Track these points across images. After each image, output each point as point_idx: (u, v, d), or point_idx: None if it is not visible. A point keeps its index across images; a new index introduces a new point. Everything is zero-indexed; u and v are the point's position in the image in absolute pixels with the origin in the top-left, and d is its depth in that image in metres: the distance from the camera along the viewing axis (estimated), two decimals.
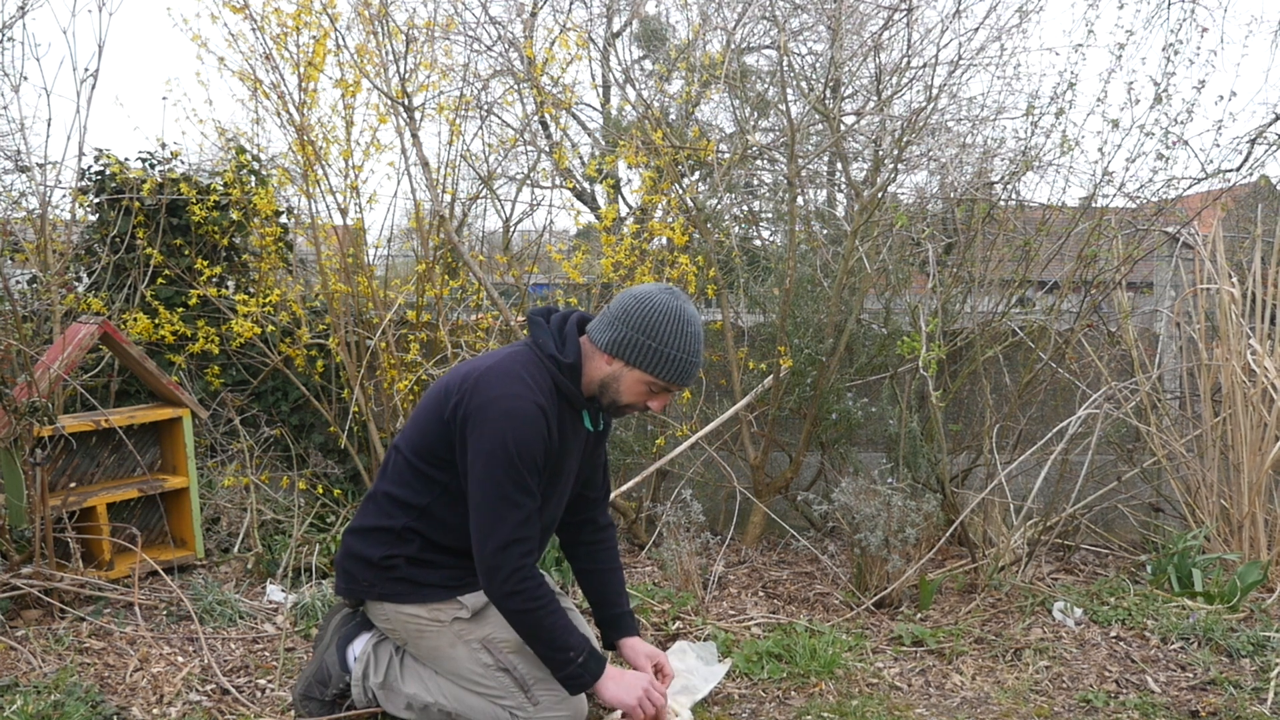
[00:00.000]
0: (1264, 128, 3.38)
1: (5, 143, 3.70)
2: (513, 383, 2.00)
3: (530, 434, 1.97)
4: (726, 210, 4.40)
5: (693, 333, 2.04)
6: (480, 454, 1.97)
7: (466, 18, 4.06)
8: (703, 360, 2.13)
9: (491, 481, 1.97)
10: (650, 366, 2.02)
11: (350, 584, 2.18)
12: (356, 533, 2.18)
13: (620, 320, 2.03)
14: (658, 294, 2.04)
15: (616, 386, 2.07)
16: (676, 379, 2.04)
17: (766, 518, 3.82)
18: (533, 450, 1.98)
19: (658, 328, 2.01)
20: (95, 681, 2.37)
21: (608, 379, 2.07)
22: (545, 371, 2.06)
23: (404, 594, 2.12)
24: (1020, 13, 3.66)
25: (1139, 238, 3.58)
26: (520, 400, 1.97)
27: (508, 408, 1.96)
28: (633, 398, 2.07)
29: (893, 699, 2.49)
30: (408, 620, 2.14)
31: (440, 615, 2.12)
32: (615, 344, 2.03)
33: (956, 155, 3.93)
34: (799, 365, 3.59)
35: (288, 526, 3.48)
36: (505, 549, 1.98)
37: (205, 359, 3.86)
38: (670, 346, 2.01)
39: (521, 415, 1.96)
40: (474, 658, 2.11)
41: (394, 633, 2.19)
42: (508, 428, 1.95)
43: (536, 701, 2.09)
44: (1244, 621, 2.94)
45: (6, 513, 2.86)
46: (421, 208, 3.71)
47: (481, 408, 1.98)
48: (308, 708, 2.23)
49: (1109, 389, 3.59)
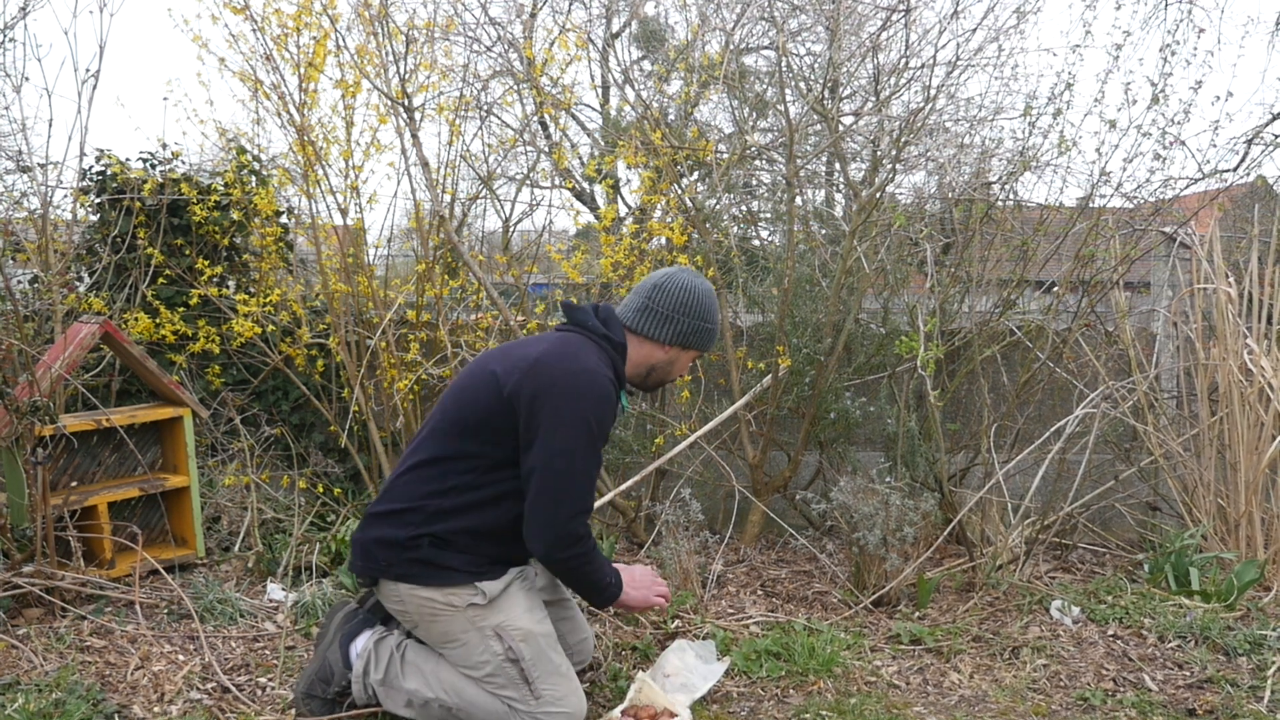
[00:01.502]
0: (1261, 128, 3.39)
1: (7, 143, 3.71)
2: (585, 359, 2.12)
3: (606, 409, 2.10)
4: (725, 210, 4.41)
5: (718, 312, 2.34)
6: (559, 426, 2.04)
7: (466, 18, 4.06)
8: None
9: (571, 453, 2.05)
10: (703, 344, 2.30)
11: (368, 563, 2.17)
12: (381, 515, 2.17)
13: (680, 314, 2.24)
14: (694, 282, 2.26)
15: (669, 368, 2.31)
16: (712, 345, 2.35)
17: (765, 517, 3.83)
18: (606, 424, 2.11)
19: (709, 312, 2.27)
20: (96, 680, 2.37)
21: (660, 364, 2.29)
22: (603, 354, 2.18)
23: (421, 575, 2.12)
24: (1018, 14, 3.67)
25: (1136, 238, 3.59)
26: (597, 376, 2.09)
27: (588, 383, 2.07)
28: (681, 371, 2.34)
29: (891, 697, 2.50)
30: (422, 603, 2.13)
31: (455, 600, 2.12)
32: (680, 335, 2.26)
33: (954, 155, 3.94)
34: (797, 365, 3.60)
35: (288, 525, 3.49)
36: (576, 517, 2.08)
37: (206, 358, 3.87)
38: (716, 322, 2.31)
39: (599, 391, 2.08)
40: (484, 645, 2.11)
41: (406, 615, 2.18)
42: (589, 402, 2.06)
43: (539, 695, 2.10)
44: (1241, 620, 2.94)
45: (8, 511, 2.87)
46: (421, 208, 3.72)
47: (556, 383, 2.06)
48: (310, 706, 2.24)
49: (1106, 388, 3.60)
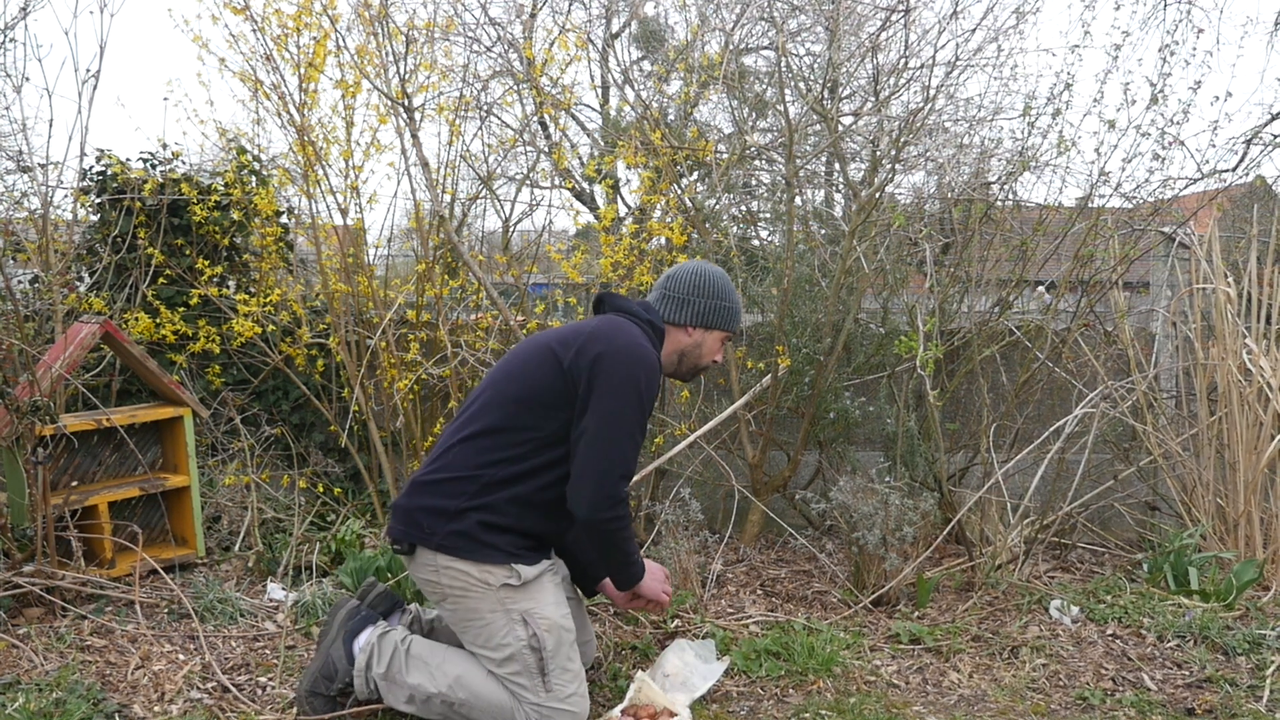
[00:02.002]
0: (1259, 128, 3.40)
1: (7, 143, 3.72)
2: (635, 335, 2.21)
3: (654, 381, 2.19)
4: (725, 210, 4.42)
5: (735, 291, 2.43)
6: (611, 390, 2.12)
7: (466, 19, 4.07)
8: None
9: (622, 417, 2.13)
10: (726, 323, 2.38)
11: (410, 529, 2.17)
12: (429, 484, 2.18)
13: (694, 295, 2.35)
14: (705, 266, 2.39)
15: (698, 352, 2.38)
16: (738, 325, 2.42)
17: (765, 516, 3.84)
18: (653, 396, 2.18)
19: (724, 291, 2.38)
20: (97, 679, 2.38)
21: (688, 348, 2.38)
22: (647, 336, 2.27)
23: (463, 549, 2.12)
24: (1017, 14, 3.68)
25: (1135, 238, 3.59)
26: (646, 350, 2.19)
27: (640, 355, 2.16)
28: (712, 354, 2.40)
29: (890, 696, 2.50)
30: (457, 575, 2.13)
31: (490, 579, 2.12)
32: (699, 315, 2.36)
33: (954, 155, 3.94)
34: (797, 364, 3.60)
35: (288, 525, 3.49)
36: (622, 480, 2.14)
37: (206, 358, 3.88)
38: (735, 301, 2.40)
39: (649, 363, 2.18)
40: (510, 628, 2.12)
41: (436, 587, 2.17)
42: (640, 371, 2.14)
43: (550, 688, 2.11)
44: (1240, 619, 2.95)
45: (9, 511, 2.87)
46: (421, 208, 3.72)
47: (612, 353, 2.14)
48: (313, 704, 2.23)
49: (1105, 388, 3.60)
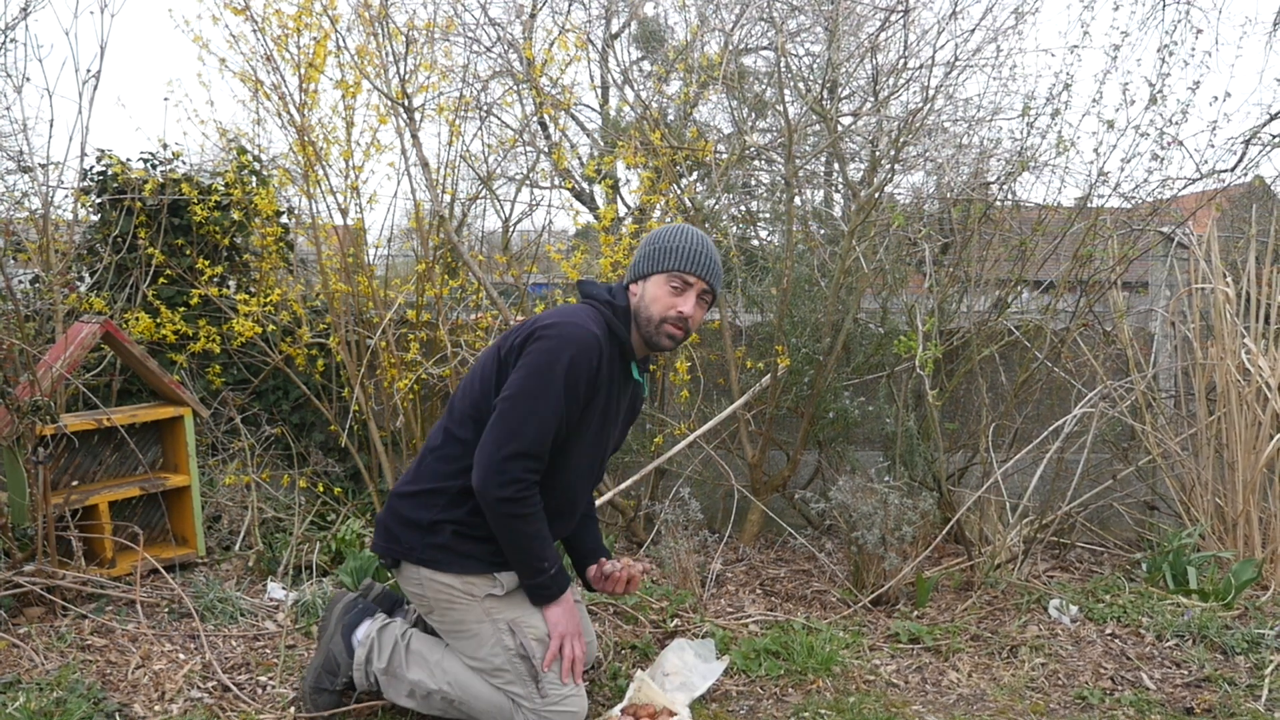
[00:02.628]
0: (1258, 128, 3.40)
1: (8, 143, 3.72)
2: (574, 315, 2.12)
3: (583, 358, 2.05)
4: (724, 210, 4.42)
5: (694, 233, 2.22)
6: (530, 365, 2.05)
7: (466, 19, 4.08)
8: (717, 260, 2.23)
9: (527, 390, 2.04)
10: (660, 263, 2.18)
11: (390, 544, 2.18)
12: (405, 495, 2.18)
13: (638, 252, 2.25)
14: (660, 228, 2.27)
15: (646, 305, 2.19)
16: (689, 265, 2.17)
17: (764, 516, 3.84)
18: (579, 374, 2.05)
19: (657, 235, 2.23)
20: (97, 678, 2.38)
21: (639, 306, 2.21)
22: (600, 317, 2.17)
23: (443, 561, 2.13)
24: (1016, 14, 3.69)
25: (1134, 238, 3.60)
26: (578, 328, 2.07)
27: (565, 332, 2.07)
28: (663, 307, 2.17)
29: (889, 696, 2.50)
30: (441, 589, 2.14)
31: (474, 589, 2.13)
32: (632, 268, 2.25)
33: (953, 156, 3.95)
34: (796, 364, 3.60)
35: (288, 524, 3.50)
36: (517, 458, 2.03)
37: (206, 358, 3.88)
38: (671, 240, 2.19)
39: (580, 339, 2.06)
40: (497, 638, 2.12)
41: (423, 600, 2.18)
42: (562, 347, 2.05)
43: (545, 694, 2.11)
44: (1239, 619, 2.95)
45: (9, 511, 2.87)
46: (421, 208, 3.73)
47: (539, 332, 2.08)
48: (318, 700, 2.24)
49: (1104, 388, 3.61)
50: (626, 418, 2.39)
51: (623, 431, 2.41)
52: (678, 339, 2.20)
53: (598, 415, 2.16)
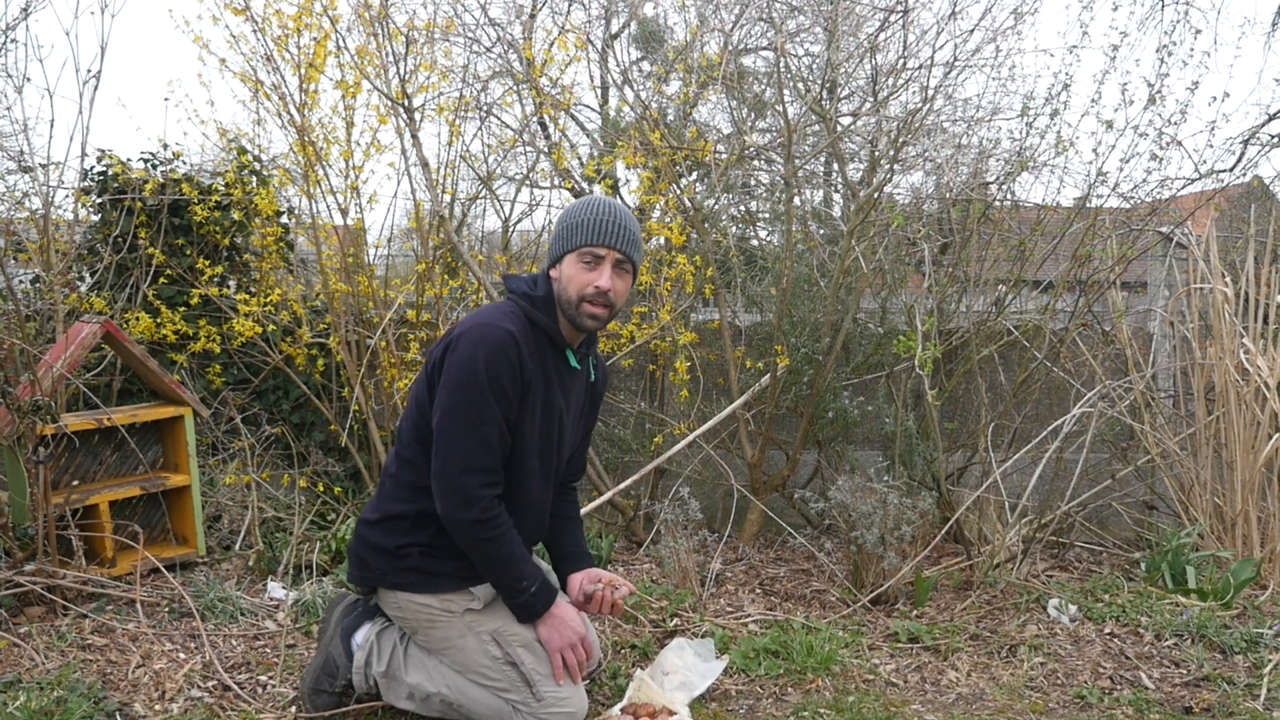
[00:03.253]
0: (1257, 128, 3.41)
1: (9, 143, 3.73)
2: (484, 317, 2.08)
3: (498, 357, 2.01)
4: (724, 210, 4.43)
5: (602, 203, 2.14)
6: (449, 379, 2.02)
7: (466, 19, 4.09)
8: (629, 226, 2.14)
9: (458, 406, 2.00)
10: (569, 241, 2.12)
11: (364, 572, 2.19)
12: (370, 522, 2.19)
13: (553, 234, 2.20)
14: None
15: (564, 287, 2.12)
16: (597, 237, 2.09)
17: (764, 515, 3.84)
18: (501, 373, 2.01)
19: (565, 213, 2.16)
20: (98, 678, 2.38)
21: (560, 290, 2.14)
22: (518, 310, 2.13)
23: (417, 583, 2.13)
24: (1015, 14, 3.71)
25: (1133, 238, 3.61)
26: (489, 328, 2.03)
27: (477, 335, 2.03)
28: (579, 285, 2.10)
29: (889, 695, 2.51)
30: (419, 609, 2.15)
31: (452, 606, 2.13)
32: (549, 253, 2.19)
33: (952, 156, 3.96)
34: (796, 364, 3.61)
35: (288, 524, 3.50)
36: (468, 473, 2.01)
37: (207, 358, 3.88)
38: (576, 215, 2.12)
39: (490, 339, 2.01)
40: (483, 649, 2.12)
41: (405, 622, 2.20)
42: (477, 351, 2.00)
43: (540, 697, 2.11)
44: (1237, 618, 2.96)
45: (10, 510, 2.88)
46: (421, 208, 3.73)
47: (453, 344, 2.05)
48: (316, 701, 2.24)
49: (1103, 387, 3.61)
50: (583, 411, 2.35)
51: (584, 425, 2.38)
52: (601, 317, 2.12)
53: (538, 410, 2.13)
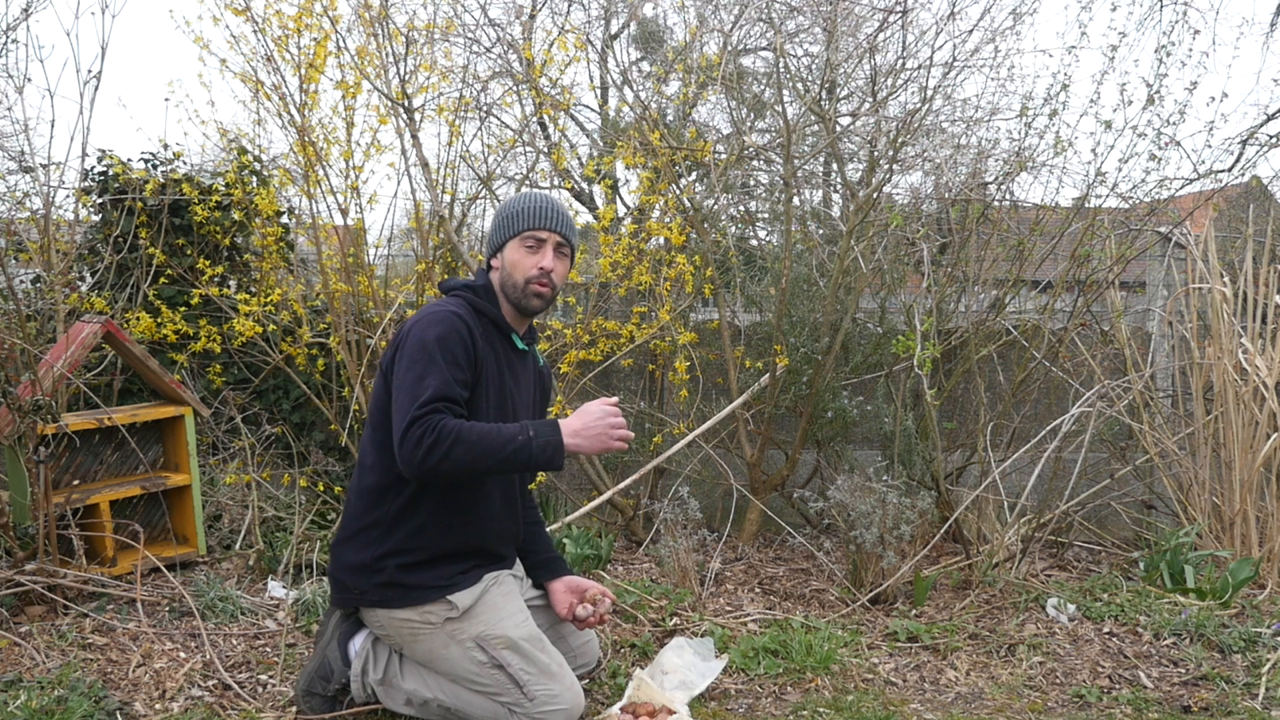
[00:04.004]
0: (1255, 128, 3.42)
1: (9, 143, 3.74)
2: (428, 309, 2.15)
3: (450, 332, 2.05)
4: (723, 210, 4.43)
5: (536, 193, 2.25)
6: (404, 356, 2.05)
7: (466, 20, 4.09)
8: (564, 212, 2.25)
9: (409, 367, 2.02)
10: (510, 228, 2.21)
11: (343, 593, 2.22)
12: (343, 541, 2.22)
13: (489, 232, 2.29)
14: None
15: (509, 273, 2.21)
16: (538, 222, 2.19)
17: (763, 515, 3.85)
18: (453, 345, 2.04)
19: (503, 205, 2.27)
20: (98, 677, 2.38)
21: (503, 278, 2.23)
22: (460, 301, 2.20)
23: (395, 599, 2.15)
24: (1014, 15, 3.71)
25: (1132, 237, 3.61)
26: (437, 313, 2.10)
27: (432, 318, 2.09)
28: (524, 269, 2.19)
29: (888, 694, 2.51)
30: (401, 625, 2.16)
31: (431, 617, 2.14)
32: (488, 245, 2.29)
33: (951, 156, 3.96)
34: (795, 364, 3.62)
35: (289, 523, 3.51)
36: (428, 403, 1.94)
37: (207, 357, 3.89)
38: (515, 205, 2.23)
39: (439, 317, 2.08)
40: (469, 656, 2.13)
41: (389, 638, 2.22)
42: (428, 332, 2.05)
43: (532, 697, 2.11)
44: (1236, 618, 2.96)
45: (11, 509, 2.88)
46: (421, 208, 3.74)
47: (404, 338, 2.10)
48: (310, 703, 2.25)
49: (1102, 387, 3.62)
50: (535, 399, 2.38)
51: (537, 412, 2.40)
52: (546, 296, 2.21)
53: (492, 390, 2.16)
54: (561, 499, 4.18)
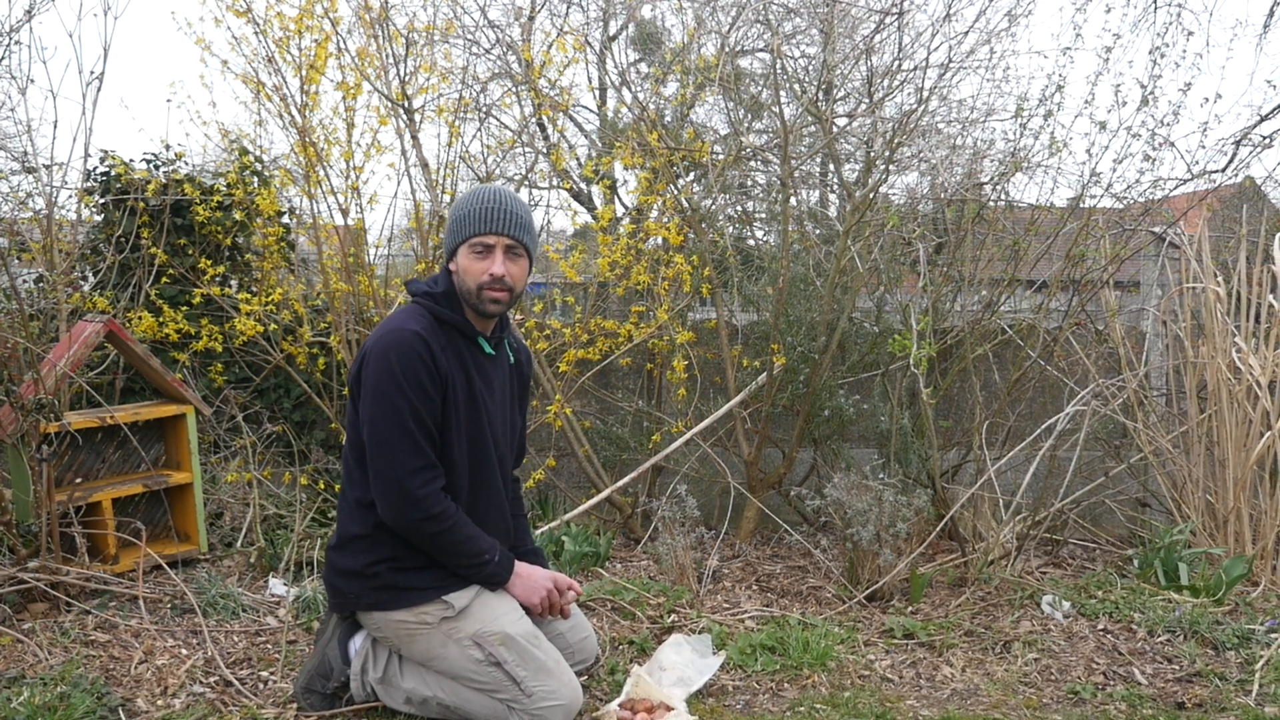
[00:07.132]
0: (1249, 129, 3.44)
1: (12, 144, 3.75)
2: (389, 324, 2.14)
3: (410, 358, 2.06)
4: (721, 210, 4.45)
5: (486, 192, 2.18)
6: (368, 393, 2.08)
7: (465, 21, 4.12)
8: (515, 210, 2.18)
9: (381, 416, 2.06)
10: (458, 235, 2.18)
11: (339, 598, 2.24)
12: (335, 548, 2.23)
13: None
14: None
15: (462, 280, 2.18)
16: (483, 226, 2.15)
17: (760, 512, 3.87)
18: (417, 373, 2.07)
19: (454, 207, 2.23)
20: (100, 673, 2.39)
21: (459, 282, 2.19)
22: (422, 310, 2.18)
23: (389, 601, 2.16)
24: (1009, 16, 3.73)
25: (1126, 237, 3.63)
26: (396, 333, 2.09)
27: (390, 338, 2.09)
28: (474, 276, 2.16)
29: (884, 690, 2.52)
30: (397, 626, 2.17)
31: (427, 617, 2.15)
32: (444, 247, 2.25)
33: (947, 156, 3.98)
34: (792, 363, 3.63)
35: (289, 521, 3.52)
36: (406, 477, 2.06)
37: (209, 356, 3.91)
38: (463, 208, 2.18)
39: (399, 344, 2.07)
40: (466, 655, 2.14)
41: (387, 640, 2.23)
42: (388, 358, 2.07)
43: (530, 693, 2.12)
44: (1229, 615, 2.98)
45: (13, 508, 2.89)
46: (421, 208, 3.76)
47: (367, 357, 2.12)
48: (309, 700, 2.26)
49: (1097, 386, 3.64)
50: (511, 395, 2.37)
51: (516, 410, 2.40)
52: (502, 301, 2.18)
53: (462, 406, 2.16)
54: (560, 497, 4.20)
